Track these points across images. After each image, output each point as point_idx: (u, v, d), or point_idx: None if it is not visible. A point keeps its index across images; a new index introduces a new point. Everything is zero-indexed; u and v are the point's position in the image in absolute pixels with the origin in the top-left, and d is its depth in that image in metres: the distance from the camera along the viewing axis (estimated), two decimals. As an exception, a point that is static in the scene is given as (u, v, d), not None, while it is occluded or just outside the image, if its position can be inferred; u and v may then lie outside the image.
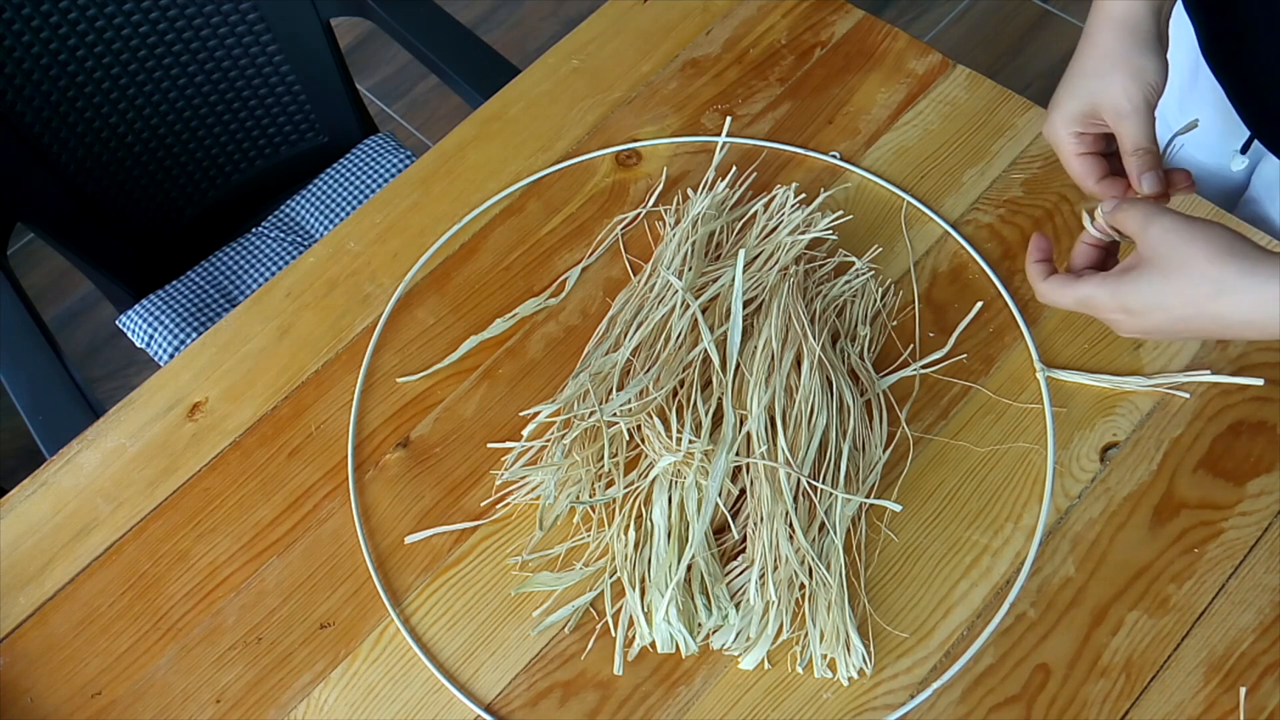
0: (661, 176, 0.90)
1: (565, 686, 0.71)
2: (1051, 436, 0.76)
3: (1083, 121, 0.68)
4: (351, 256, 0.89)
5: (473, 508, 0.77)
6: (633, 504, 0.74)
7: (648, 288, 0.83)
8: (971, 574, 0.72)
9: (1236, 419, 0.76)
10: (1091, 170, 0.69)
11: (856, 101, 0.92)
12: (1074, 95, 0.68)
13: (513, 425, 0.80)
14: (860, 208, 0.87)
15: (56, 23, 1.09)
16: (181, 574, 0.77)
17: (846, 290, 0.82)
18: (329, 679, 0.72)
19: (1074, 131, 0.69)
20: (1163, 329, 0.62)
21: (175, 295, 1.21)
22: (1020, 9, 1.97)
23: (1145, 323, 0.62)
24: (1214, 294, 0.58)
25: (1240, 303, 0.58)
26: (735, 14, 0.97)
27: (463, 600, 0.74)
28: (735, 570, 0.72)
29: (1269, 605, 0.70)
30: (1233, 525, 0.73)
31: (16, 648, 0.75)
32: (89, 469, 0.81)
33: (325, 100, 1.28)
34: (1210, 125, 0.88)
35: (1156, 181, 0.66)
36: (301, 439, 0.81)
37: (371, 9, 1.18)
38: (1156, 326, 0.62)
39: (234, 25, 1.18)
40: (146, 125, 1.21)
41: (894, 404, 0.78)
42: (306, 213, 1.27)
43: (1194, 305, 0.59)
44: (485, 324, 0.84)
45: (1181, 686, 0.68)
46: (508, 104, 0.95)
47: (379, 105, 1.98)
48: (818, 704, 0.69)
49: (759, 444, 0.73)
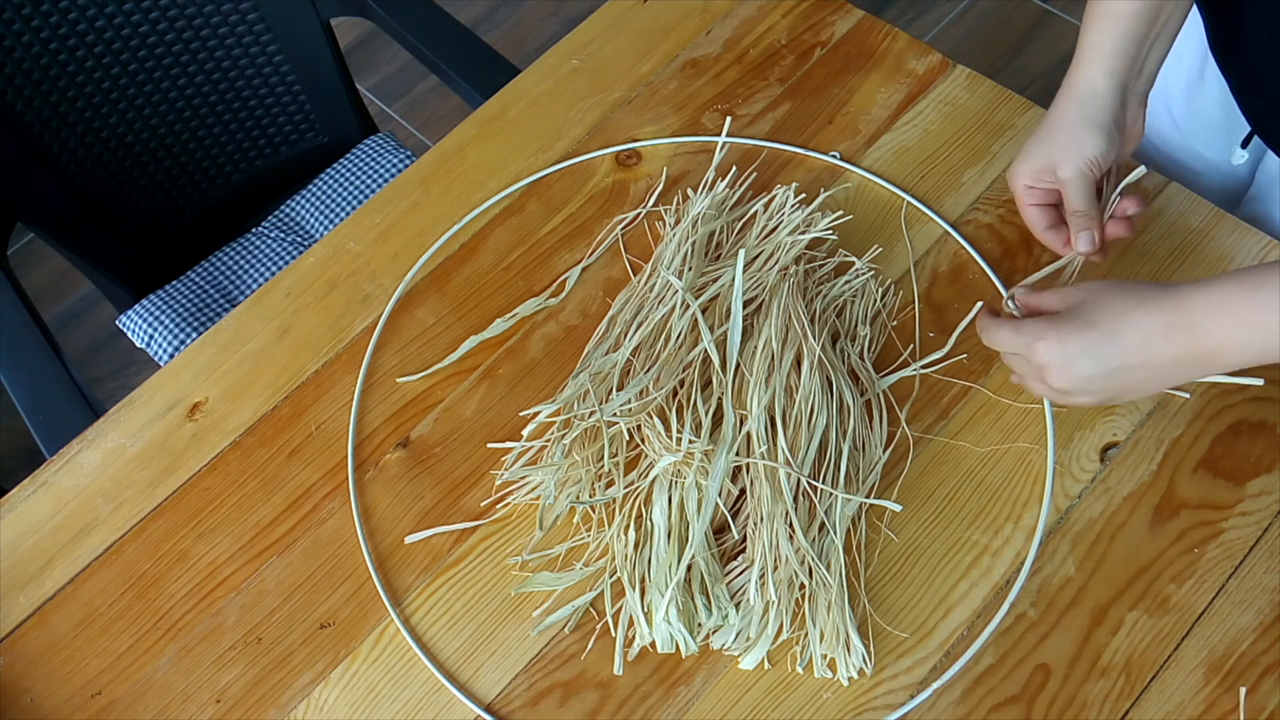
0: (661, 176, 0.90)
1: (565, 686, 0.71)
2: (1051, 437, 0.76)
3: (1035, 177, 0.76)
4: (351, 256, 0.89)
5: (473, 508, 0.77)
6: (633, 504, 0.74)
7: (648, 288, 0.83)
8: (971, 574, 0.72)
9: (1236, 419, 0.76)
10: (1040, 220, 0.77)
11: (856, 101, 0.92)
12: (1029, 154, 0.76)
13: (513, 425, 0.80)
14: (860, 208, 0.87)
15: (56, 23, 1.09)
16: (181, 574, 0.77)
17: (846, 290, 0.82)
18: (329, 679, 0.72)
19: (1026, 185, 0.77)
20: (1089, 374, 0.66)
21: (175, 295, 1.21)
22: (1020, 9, 1.97)
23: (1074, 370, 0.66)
24: (1136, 304, 0.64)
25: (1158, 308, 0.64)
26: (735, 14, 0.97)
27: (463, 600, 0.74)
28: (735, 570, 0.72)
29: (1269, 605, 0.70)
30: (1233, 525, 0.73)
31: (16, 648, 0.75)
32: (89, 469, 0.81)
33: (325, 100, 1.28)
34: (1216, 120, 0.88)
35: (1089, 241, 0.74)
36: (301, 439, 0.81)
37: (371, 9, 1.18)
38: (1082, 373, 0.66)
39: (234, 25, 1.18)
40: (146, 125, 1.21)
41: (894, 404, 0.78)
42: (306, 213, 1.27)
43: (1119, 317, 0.64)
44: (485, 324, 0.84)
45: (1181, 686, 0.68)
46: (508, 104, 0.95)
47: (379, 105, 1.98)
48: (818, 704, 0.69)
49: (759, 444, 0.73)
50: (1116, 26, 0.72)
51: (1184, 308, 0.62)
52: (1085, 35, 0.74)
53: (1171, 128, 0.93)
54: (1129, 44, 0.73)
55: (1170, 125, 0.93)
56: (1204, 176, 0.93)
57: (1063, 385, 0.67)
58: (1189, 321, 0.62)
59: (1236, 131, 0.86)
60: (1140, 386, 0.67)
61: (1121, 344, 0.64)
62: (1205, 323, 0.62)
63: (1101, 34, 0.73)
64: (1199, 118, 0.90)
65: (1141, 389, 0.67)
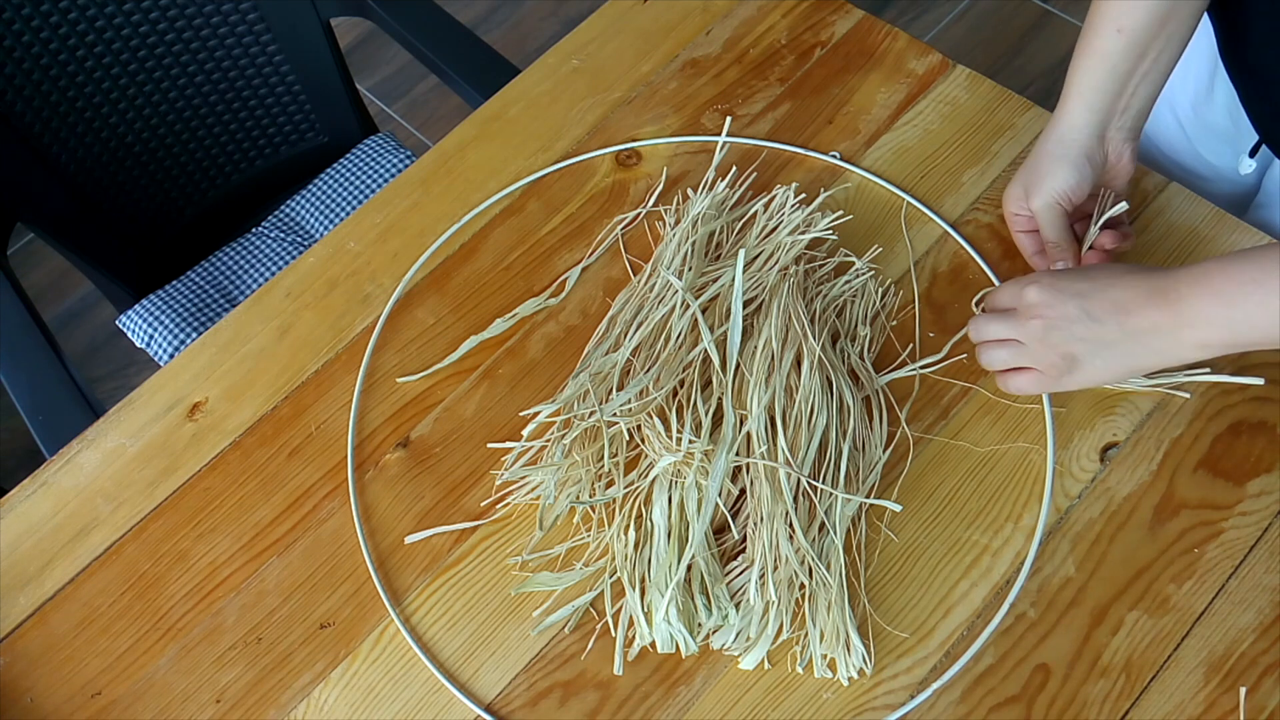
0: (661, 176, 0.90)
1: (565, 686, 0.71)
2: (1051, 437, 0.76)
3: (1016, 205, 0.80)
4: (351, 256, 0.89)
5: (473, 508, 0.77)
6: (633, 504, 0.74)
7: (648, 288, 0.83)
8: (971, 574, 0.72)
9: (1236, 419, 0.76)
10: (1029, 245, 0.81)
11: (856, 101, 0.92)
12: (1013, 181, 0.80)
13: (513, 425, 0.80)
14: (860, 208, 0.87)
15: (56, 23, 1.09)
16: (181, 574, 0.77)
17: (846, 290, 0.82)
18: (329, 679, 0.72)
19: (1014, 211, 0.80)
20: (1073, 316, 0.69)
21: (175, 295, 1.21)
22: (1020, 9, 1.97)
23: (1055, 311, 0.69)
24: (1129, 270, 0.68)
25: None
26: (735, 14, 0.97)
27: (463, 600, 0.74)
28: (735, 570, 0.72)
29: (1269, 605, 0.70)
30: (1233, 525, 0.73)
31: (16, 648, 0.75)
32: (89, 469, 0.81)
33: (325, 100, 1.28)
34: (1223, 129, 0.88)
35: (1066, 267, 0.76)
36: (301, 439, 0.81)
37: (371, 9, 1.18)
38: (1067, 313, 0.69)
39: (234, 25, 1.18)
40: (146, 125, 1.21)
41: (894, 404, 0.78)
42: (306, 213, 1.27)
43: (1112, 276, 0.68)
44: (485, 324, 0.84)
45: (1181, 686, 0.68)
46: (508, 104, 0.95)
47: (379, 105, 1.98)
48: (818, 704, 0.69)
49: (759, 444, 0.73)
50: (1101, 64, 0.75)
51: (1171, 278, 0.66)
52: (1071, 73, 0.77)
53: (1179, 135, 0.93)
54: (1111, 82, 0.75)
55: (1178, 133, 0.93)
56: (1211, 184, 0.93)
57: (1047, 334, 0.69)
58: (1171, 288, 0.65)
59: (1244, 140, 0.86)
60: (1116, 356, 0.69)
61: (1108, 297, 0.68)
62: (1185, 291, 0.64)
63: (1085, 72, 0.76)
64: (1207, 126, 0.90)
65: (1116, 361, 0.69)
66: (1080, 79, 0.76)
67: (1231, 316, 0.63)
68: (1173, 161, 0.95)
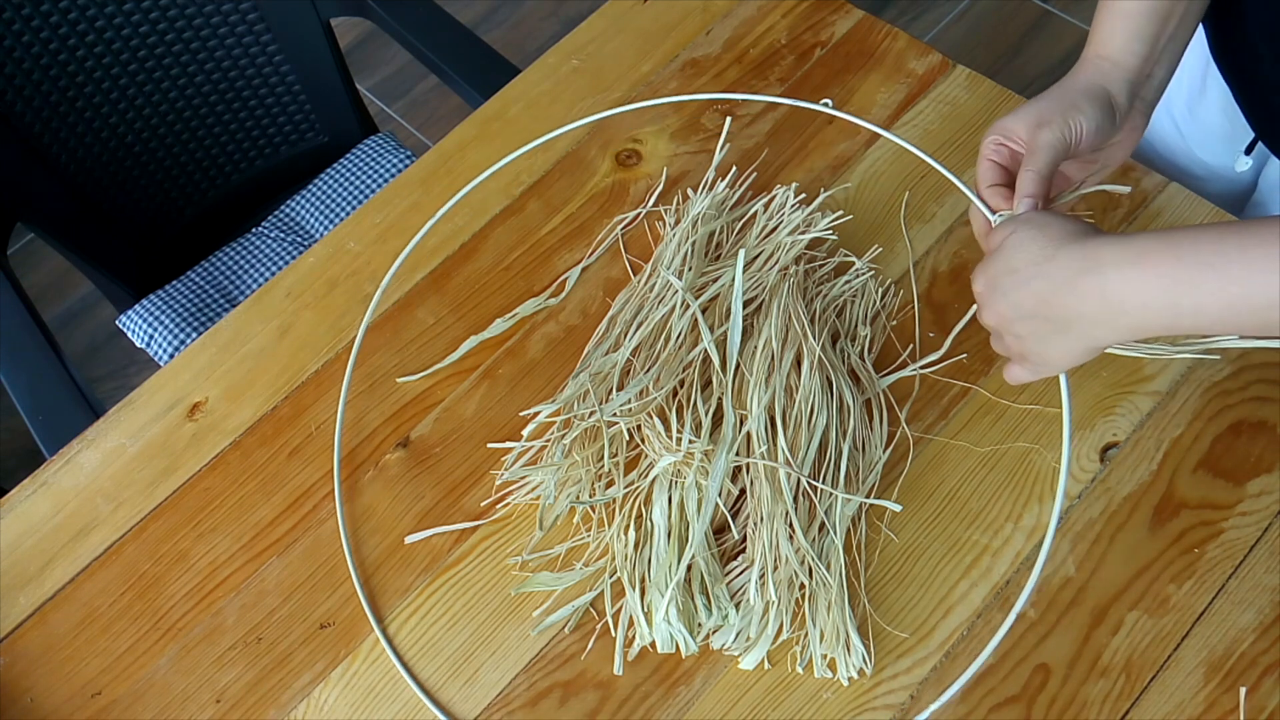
0: (661, 176, 0.90)
1: (565, 686, 0.71)
2: (1068, 428, 0.76)
3: (1014, 133, 0.70)
4: (351, 256, 0.89)
5: (473, 508, 0.77)
6: (633, 504, 0.74)
7: (648, 288, 0.83)
8: (972, 574, 0.72)
9: (1236, 419, 0.76)
10: (990, 175, 0.71)
11: (856, 101, 0.92)
12: (1027, 109, 0.69)
13: (513, 425, 0.80)
14: (860, 208, 0.87)
15: (56, 23, 1.09)
16: (181, 574, 0.77)
17: (846, 290, 0.82)
18: (329, 679, 0.72)
19: (997, 140, 0.70)
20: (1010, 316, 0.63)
21: (175, 295, 1.21)
22: (1020, 9, 1.97)
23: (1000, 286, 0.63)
24: (1051, 254, 0.61)
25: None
26: (735, 14, 0.97)
27: (463, 600, 0.74)
28: (735, 570, 0.72)
29: (1269, 605, 0.70)
30: (1233, 525, 0.73)
31: (16, 648, 0.75)
32: (89, 469, 0.81)
33: (325, 100, 1.28)
34: (1219, 127, 0.88)
35: (1030, 206, 0.67)
36: (301, 439, 0.81)
37: (371, 9, 1.18)
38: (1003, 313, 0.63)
39: (234, 25, 1.18)
40: (146, 125, 1.21)
41: (894, 404, 0.78)
42: (306, 213, 1.27)
43: (1033, 265, 0.61)
44: (485, 324, 0.84)
45: (1181, 686, 0.68)
46: (508, 104, 0.95)
47: (379, 105, 1.98)
48: (818, 704, 0.69)
49: (759, 444, 0.73)
50: (1128, 24, 0.70)
51: (1094, 257, 0.59)
52: (1096, 31, 0.71)
53: (1174, 134, 0.93)
54: (1139, 44, 0.70)
55: (1173, 132, 0.93)
56: (1207, 183, 0.93)
57: (1001, 328, 0.65)
58: (1095, 270, 0.59)
59: (1239, 138, 0.86)
60: (1065, 342, 0.63)
61: (1031, 291, 0.62)
62: (1111, 273, 0.59)
63: (1127, 15, 0.69)
64: (1202, 124, 0.90)
65: (1067, 345, 0.63)
66: (1123, 23, 0.69)
67: (1177, 305, 0.56)
68: (1168, 162, 0.95)
